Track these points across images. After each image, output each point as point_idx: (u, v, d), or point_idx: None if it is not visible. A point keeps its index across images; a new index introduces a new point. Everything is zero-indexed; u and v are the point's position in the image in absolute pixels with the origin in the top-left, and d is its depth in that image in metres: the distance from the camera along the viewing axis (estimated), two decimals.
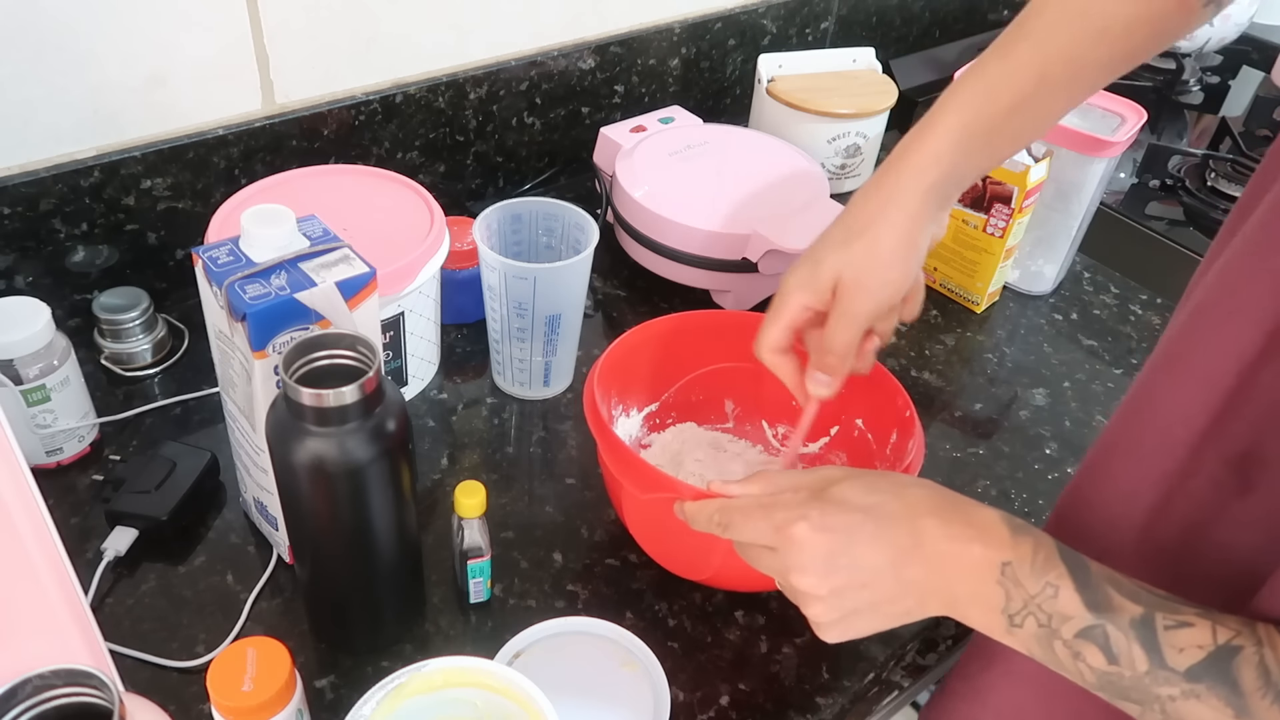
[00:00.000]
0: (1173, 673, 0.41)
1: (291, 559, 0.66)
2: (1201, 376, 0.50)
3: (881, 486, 0.50)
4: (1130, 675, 0.42)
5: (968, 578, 0.47)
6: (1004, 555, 0.46)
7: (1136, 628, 0.42)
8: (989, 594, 0.46)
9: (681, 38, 1.10)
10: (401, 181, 0.82)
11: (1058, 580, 0.45)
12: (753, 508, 0.52)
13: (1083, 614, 0.44)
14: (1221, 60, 1.49)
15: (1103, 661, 0.43)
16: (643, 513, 0.64)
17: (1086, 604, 0.44)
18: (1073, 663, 0.44)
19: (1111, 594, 0.44)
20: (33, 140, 0.76)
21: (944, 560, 0.47)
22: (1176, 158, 1.22)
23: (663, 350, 0.73)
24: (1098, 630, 0.43)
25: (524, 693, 0.49)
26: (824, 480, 0.51)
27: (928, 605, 0.49)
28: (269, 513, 0.65)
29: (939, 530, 0.48)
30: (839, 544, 0.48)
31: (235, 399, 0.62)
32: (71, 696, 0.42)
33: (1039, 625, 0.45)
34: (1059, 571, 0.45)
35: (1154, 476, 0.52)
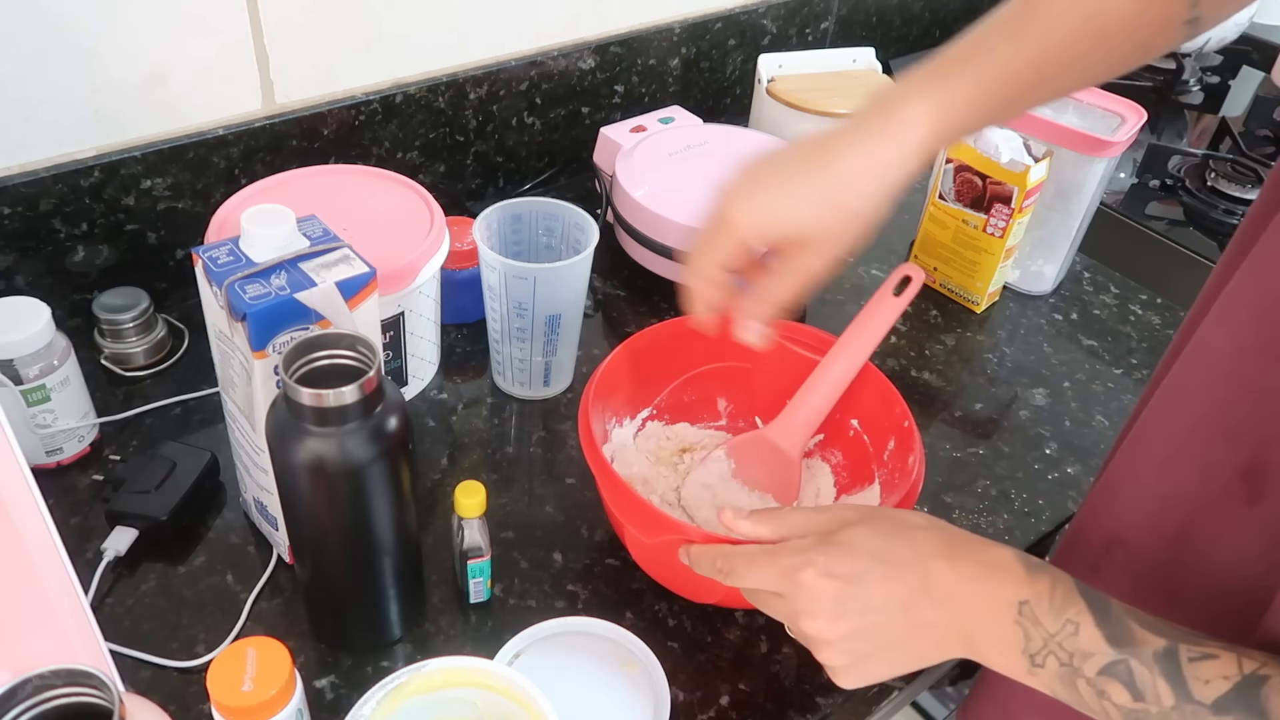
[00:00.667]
0: (1200, 705, 0.41)
1: (291, 559, 0.66)
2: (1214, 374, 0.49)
3: (890, 530, 0.49)
4: (1157, 711, 0.42)
5: (984, 619, 0.46)
6: (1020, 594, 0.45)
7: (1160, 661, 0.42)
8: (1008, 635, 0.45)
9: (681, 38, 1.10)
10: (401, 181, 0.82)
11: (1078, 617, 0.44)
12: (758, 554, 0.51)
13: (1105, 650, 0.43)
14: (1221, 60, 1.49)
15: (1128, 699, 0.42)
16: (648, 551, 0.64)
17: (1108, 639, 0.43)
18: (1098, 702, 0.44)
19: (1133, 628, 0.43)
20: (33, 140, 0.76)
21: (958, 602, 0.47)
22: (1176, 158, 1.22)
23: (650, 359, 0.73)
24: (1121, 666, 0.42)
25: (524, 693, 0.49)
26: (833, 522, 0.50)
27: (947, 648, 0.48)
28: (269, 513, 0.65)
29: (950, 572, 0.47)
30: (847, 589, 0.48)
31: (235, 399, 0.62)
32: (71, 696, 0.42)
33: (1060, 664, 0.44)
34: (1079, 608, 0.44)
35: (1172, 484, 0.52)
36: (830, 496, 0.74)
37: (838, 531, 0.49)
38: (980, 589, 0.46)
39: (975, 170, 0.90)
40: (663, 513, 0.59)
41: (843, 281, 1.00)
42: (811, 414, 0.71)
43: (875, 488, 0.70)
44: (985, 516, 0.76)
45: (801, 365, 0.73)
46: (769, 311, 0.57)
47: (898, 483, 0.66)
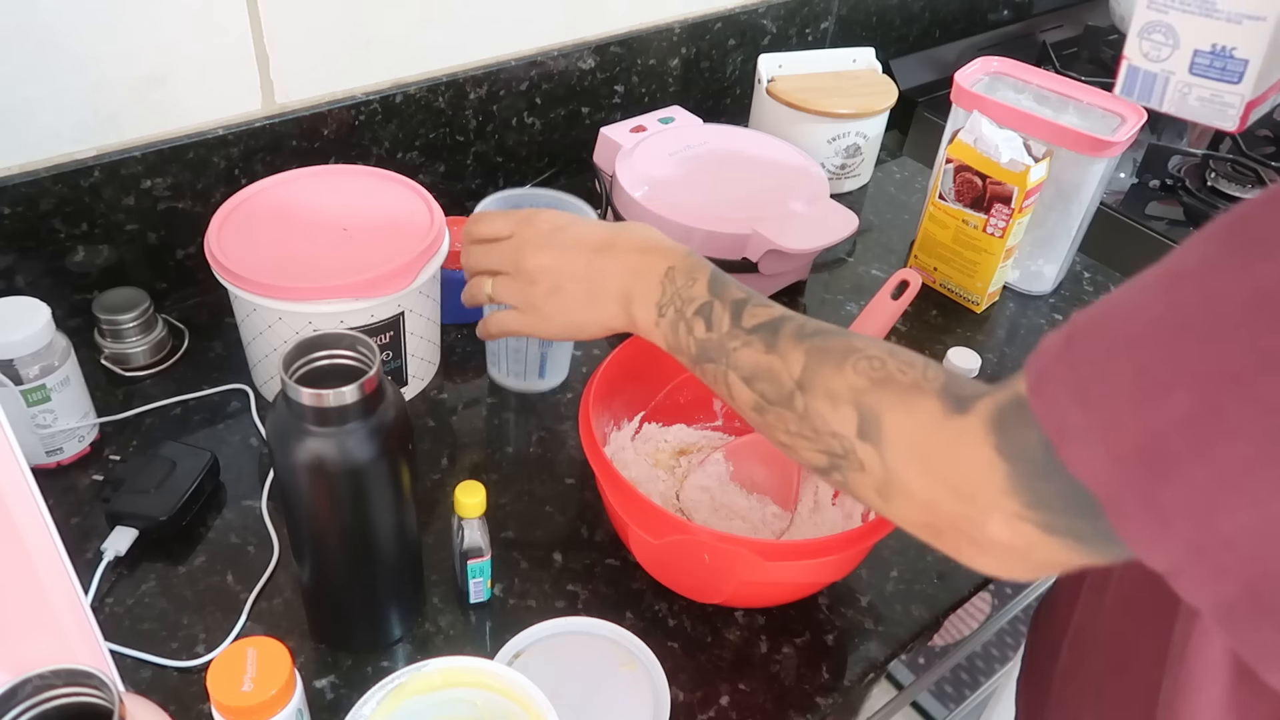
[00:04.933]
0: (740, 329, 0.54)
1: None
2: None
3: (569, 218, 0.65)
4: (715, 338, 0.55)
5: (643, 277, 0.59)
6: (671, 263, 0.59)
7: (734, 304, 0.55)
8: (651, 290, 0.59)
9: (681, 38, 1.10)
10: (401, 181, 0.82)
11: (698, 274, 0.58)
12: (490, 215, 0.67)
13: (704, 295, 0.56)
14: None
15: (704, 330, 0.55)
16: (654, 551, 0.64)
17: (710, 289, 0.57)
18: (686, 337, 0.56)
19: (730, 287, 0.56)
20: (33, 140, 0.76)
21: (631, 261, 0.61)
22: (1176, 158, 1.22)
23: (648, 359, 0.73)
24: (708, 306, 0.56)
25: (524, 693, 0.49)
26: None
27: (608, 293, 0.61)
28: None
29: (632, 241, 0.62)
30: (565, 221, 0.64)
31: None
32: (71, 696, 0.42)
33: (675, 312, 0.57)
34: (702, 268, 0.58)
35: None
36: (829, 495, 0.74)
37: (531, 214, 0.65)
38: (647, 257, 0.60)
39: (975, 170, 0.90)
40: (669, 513, 0.59)
41: (842, 281, 1.00)
42: None
43: None
44: None
45: None
46: None
47: None
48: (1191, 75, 0.50)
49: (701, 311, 0.56)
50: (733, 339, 0.54)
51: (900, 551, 0.72)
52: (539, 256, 0.63)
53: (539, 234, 0.63)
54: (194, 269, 0.87)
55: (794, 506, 0.72)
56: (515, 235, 0.64)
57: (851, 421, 0.46)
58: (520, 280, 0.64)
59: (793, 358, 0.51)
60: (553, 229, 0.63)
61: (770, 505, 0.72)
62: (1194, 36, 0.41)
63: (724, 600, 0.65)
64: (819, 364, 0.49)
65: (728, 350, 0.54)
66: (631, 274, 0.60)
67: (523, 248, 0.63)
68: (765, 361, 0.52)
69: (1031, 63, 1.05)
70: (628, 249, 0.61)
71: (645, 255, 0.60)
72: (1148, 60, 0.54)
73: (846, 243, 0.96)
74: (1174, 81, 0.54)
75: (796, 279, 0.97)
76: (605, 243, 0.62)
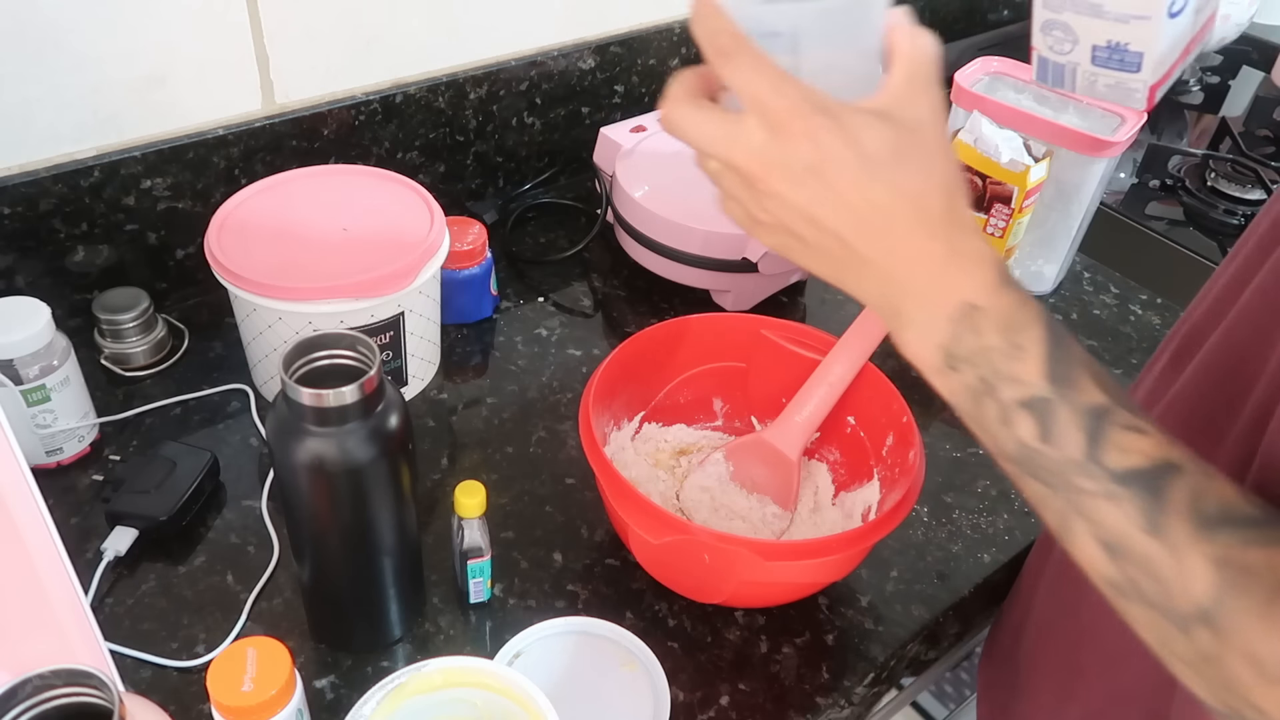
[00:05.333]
0: (1102, 470, 0.38)
1: None
2: None
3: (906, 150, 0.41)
4: (1057, 458, 0.39)
5: (923, 298, 0.41)
6: (977, 298, 0.40)
7: (1089, 415, 0.39)
8: (935, 327, 0.41)
9: (681, 38, 1.10)
10: (401, 181, 0.82)
11: (1030, 344, 0.40)
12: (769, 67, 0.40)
13: (1039, 384, 0.39)
14: (1221, 60, 1.49)
15: (1033, 436, 0.40)
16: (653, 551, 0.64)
17: (1049, 375, 0.39)
18: (998, 425, 0.41)
19: (1080, 375, 0.40)
20: (33, 140, 0.76)
21: (909, 266, 0.41)
22: (1176, 158, 1.22)
23: (648, 360, 0.73)
24: (1045, 404, 0.39)
25: (524, 693, 0.49)
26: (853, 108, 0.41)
27: (865, 292, 0.43)
28: None
29: (920, 233, 0.41)
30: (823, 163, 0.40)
31: None
32: (71, 696, 0.42)
33: (978, 378, 0.41)
34: (1035, 336, 0.40)
35: None
36: (829, 495, 0.74)
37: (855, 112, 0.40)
38: (938, 270, 0.41)
39: (975, 170, 0.90)
40: (669, 513, 0.59)
41: None
42: (811, 416, 0.72)
43: (875, 484, 0.70)
44: (985, 516, 0.76)
45: (797, 365, 0.73)
46: None
47: (898, 478, 0.66)
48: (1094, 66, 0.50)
49: (1033, 407, 0.39)
50: (1087, 476, 0.38)
51: (900, 552, 0.72)
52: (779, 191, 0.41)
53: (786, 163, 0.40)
54: (194, 269, 0.87)
55: (794, 506, 0.72)
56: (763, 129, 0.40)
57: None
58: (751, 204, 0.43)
59: (1193, 566, 0.36)
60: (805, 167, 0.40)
61: (770, 505, 0.73)
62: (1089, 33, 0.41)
63: (724, 600, 0.65)
64: (1238, 599, 0.35)
65: (1076, 488, 0.39)
66: (901, 289, 0.42)
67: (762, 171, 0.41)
68: (1142, 544, 0.37)
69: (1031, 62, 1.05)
70: (904, 237, 0.41)
71: (929, 264, 0.41)
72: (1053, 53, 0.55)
73: None
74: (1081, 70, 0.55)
75: (796, 279, 0.97)
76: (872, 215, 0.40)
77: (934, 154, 0.41)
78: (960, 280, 0.41)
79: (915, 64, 0.41)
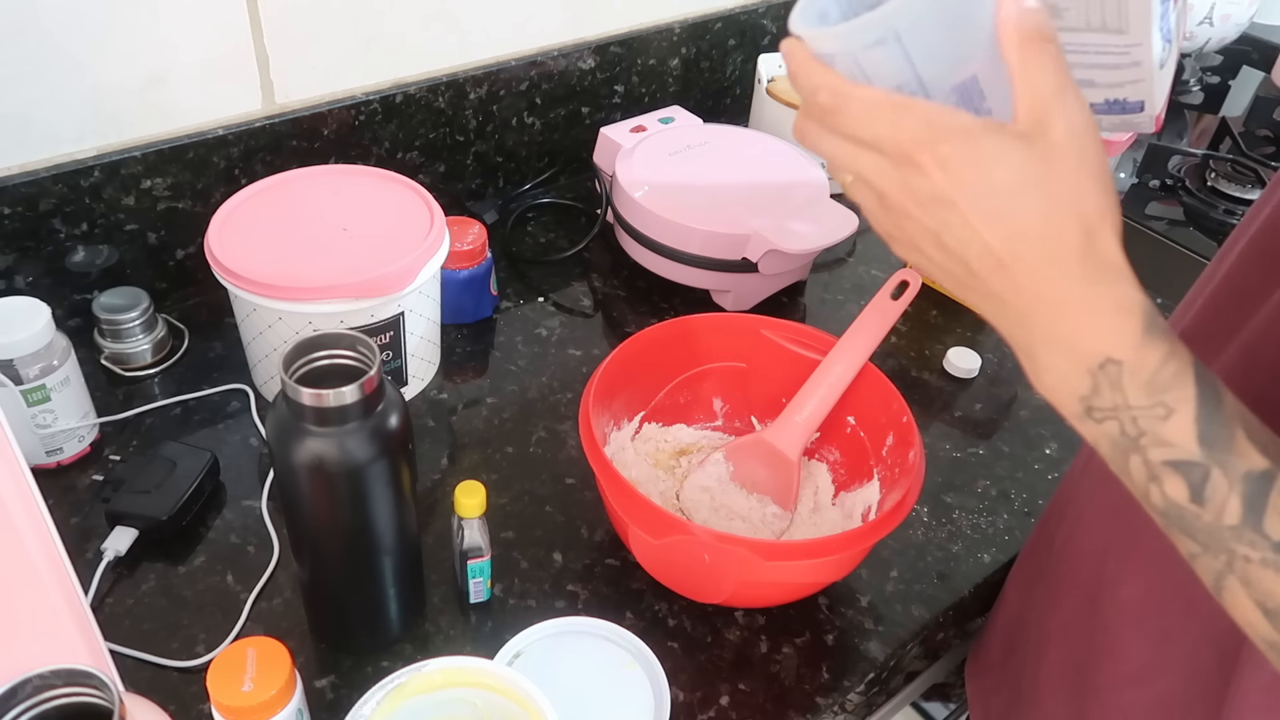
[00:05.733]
0: (1264, 538, 0.36)
1: None
2: None
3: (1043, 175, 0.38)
4: (1210, 521, 0.37)
5: (1055, 348, 0.39)
6: (1114, 352, 0.37)
7: (1249, 481, 0.36)
8: (1071, 378, 0.38)
9: (681, 38, 1.10)
10: (401, 181, 0.82)
11: (1177, 404, 0.37)
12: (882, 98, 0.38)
13: (1190, 447, 0.37)
14: (1221, 60, 1.49)
15: (1184, 497, 0.37)
16: (654, 551, 0.63)
17: (1201, 439, 0.37)
18: (1144, 481, 0.38)
19: (1238, 437, 0.37)
20: (33, 140, 0.76)
21: (1038, 308, 0.38)
22: (1176, 158, 1.22)
23: (648, 360, 0.73)
24: (1198, 469, 0.37)
25: (524, 693, 0.49)
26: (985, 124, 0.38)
27: (997, 322, 0.41)
28: None
29: (1054, 273, 0.37)
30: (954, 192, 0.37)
31: None
32: (71, 696, 0.42)
33: (1122, 434, 0.38)
34: (1183, 395, 0.37)
35: None
36: (829, 495, 0.74)
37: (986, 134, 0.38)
38: (1074, 316, 0.38)
39: None
40: (669, 513, 0.59)
41: (842, 281, 1.00)
42: (810, 416, 0.72)
43: (875, 484, 0.70)
44: (985, 516, 0.76)
45: (796, 364, 0.73)
46: None
47: (898, 478, 0.66)
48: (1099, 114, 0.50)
49: (1182, 469, 0.37)
50: (1245, 543, 0.37)
51: (900, 552, 0.72)
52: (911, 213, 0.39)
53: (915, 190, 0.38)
54: (194, 269, 0.87)
55: (794, 506, 0.72)
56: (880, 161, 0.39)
57: None
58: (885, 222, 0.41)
59: None
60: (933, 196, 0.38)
61: (770, 505, 0.73)
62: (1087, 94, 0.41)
63: (724, 600, 0.65)
64: None
65: (1234, 554, 0.37)
66: (1033, 331, 0.39)
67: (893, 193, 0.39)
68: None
69: None
70: (1035, 276, 0.38)
71: (1063, 308, 0.38)
72: None
73: (846, 243, 0.96)
74: None
75: (796, 279, 0.97)
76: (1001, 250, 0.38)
77: (1074, 183, 0.38)
78: (1099, 329, 0.38)
79: (1033, 83, 0.37)
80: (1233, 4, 1.33)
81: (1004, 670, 0.69)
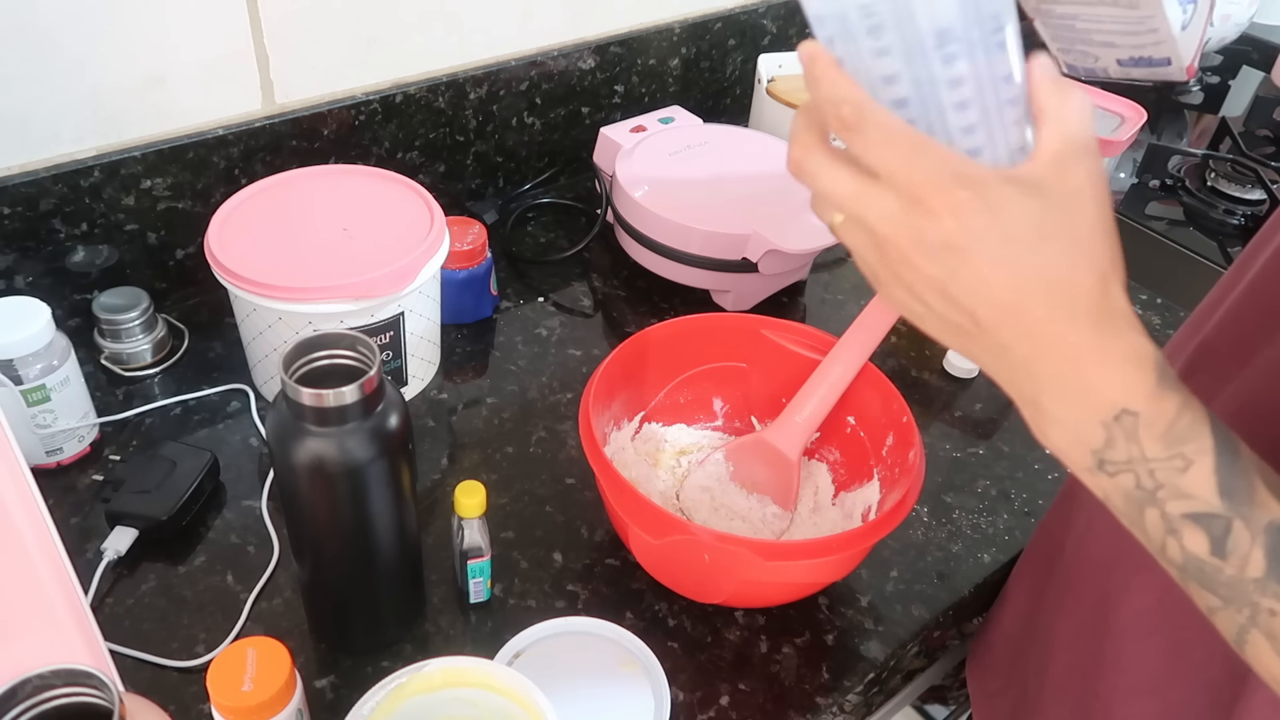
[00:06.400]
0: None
1: None
2: None
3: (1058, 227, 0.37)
4: (1232, 574, 0.37)
5: (1064, 399, 0.38)
6: (1129, 402, 0.37)
7: (1272, 533, 0.36)
8: (1083, 430, 0.38)
9: (681, 38, 1.10)
10: (401, 181, 0.82)
11: (1195, 455, 0.37)
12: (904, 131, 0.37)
13: (1210, 499, 0.37)
14: (1221, 60, 1.49)
15: (1204, 550, 0.37)
16: (654, 551, 0.63)
17: (1221, 490, 0.36)
18: (1160, 535, 0.38)
19: (1257, 487, 0.36)
20: (33, 140, 0.76)
21: (1048, 358, 0.38)
22: (1176, 158, 1.22)
23: (648, 360, 0.73)
24: (1219, 522, 0.36)
25: (524, 693, 0.49)
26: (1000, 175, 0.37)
27: (1004, 380, 0.40)
28: None
29: (1062, 321, 0.37)
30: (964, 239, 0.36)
31: None
32: (71, 696, 0.42)
33: (1137, 487, 0.38)
34: (1201, 446, 0.37)
35: None
36: (829, 495, 0.74)
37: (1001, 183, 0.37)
38: (1086, 366, 0.37)
39: None
40: (669, 513, 0.59)
41: (842, 281, 1.00)
42: (811, 416, 0.72)
43: (875, 484, 0.70)
44: (985, 516, 0.76)
45: (797, 364, 0.73)
46: None
47: (898, 478, 0.66)
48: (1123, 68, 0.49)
49: (1203, 523, 0.37)
50: (1271, 595, 0.36)
51: (900, 552, 0.72)
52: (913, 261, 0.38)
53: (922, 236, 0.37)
54: (194, 269, 0.87)
55: (794, 506, 0.72)
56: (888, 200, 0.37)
57: None
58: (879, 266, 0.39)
59: None
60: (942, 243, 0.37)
61: (770, 505, 0.73)
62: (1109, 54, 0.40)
63: (724, 600, 0.65)
64: None
65: (1259, 607, 0.37)
66: (1041, 382, 0.38)
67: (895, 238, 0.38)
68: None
69: None
70: (1047, 326, 0.37)
71: (1075, 359, 0.37)
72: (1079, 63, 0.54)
73: None
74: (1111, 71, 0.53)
75: (796, 279, 0.97)
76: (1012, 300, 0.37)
77: (1088, 234, 0.38)
78: (1112, 380, 0.37)
79: (1067, 125, 0.37)
80: (1233, 4, 1.33)
81: (1010, 673, 0.69)
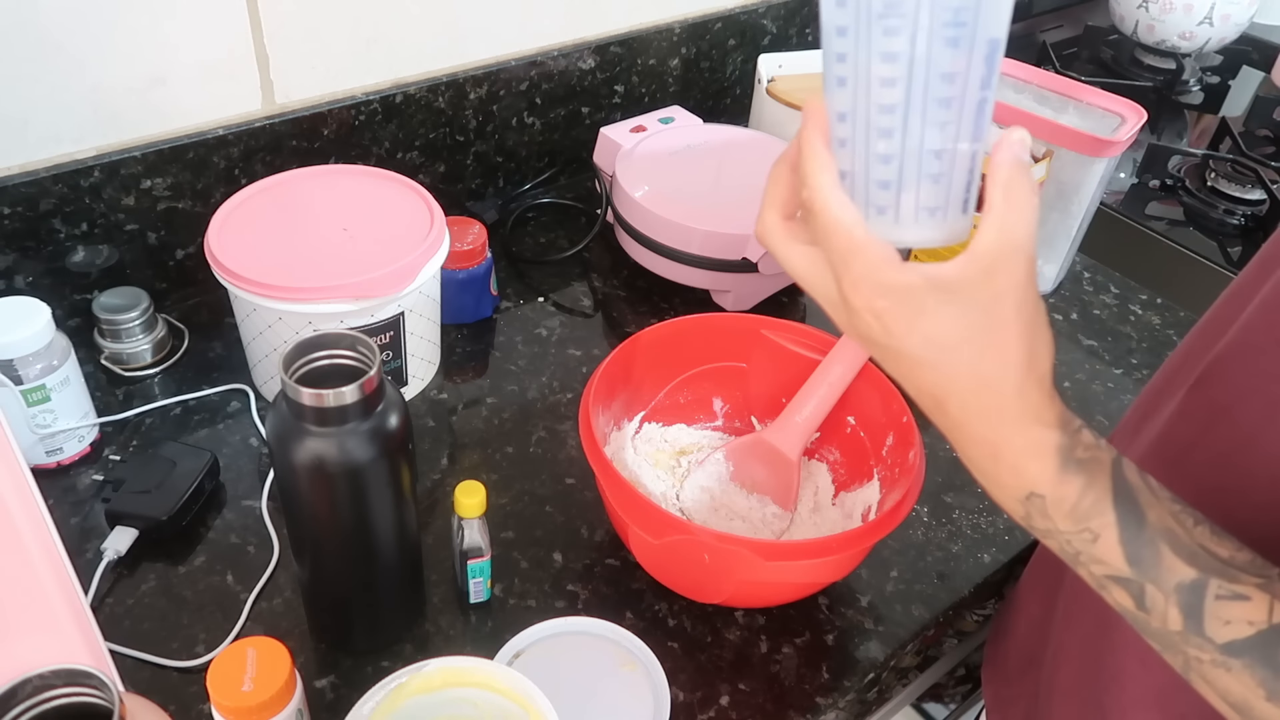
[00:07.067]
0: (1209, 642, 0.38)
1: None
2: None
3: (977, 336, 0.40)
4: (1158, 627, 0.39)
5: (985, 476, 0.42)
6: (1036, 488, 0.40)
7: (1182, 592, 0.38)
8: (1007, 504, 0.42)
9: (681, 38, 1.10)
10: (401, 181, 0.82)
11: (1101, 529, 0.40)
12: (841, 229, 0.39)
13: (1119, 567, 0.39)
14: (1221, 60, 1.49)
15: (1131, 605, 0.40)
16: (654, 551, 0.63)
17: (1129, 559, 0.39)
18: (1095, 587, 0.41)
19: (1163, 553, 0.39)
20: (33, 140, 0.76)
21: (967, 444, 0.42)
22: (1176, 158, 1.22)
23: (648, 360, 0.73)
24: (1133, 585, 0.39)
25: (524, 693, 0.49)
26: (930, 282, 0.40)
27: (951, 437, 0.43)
28: None
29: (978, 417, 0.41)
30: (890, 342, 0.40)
31: None
32: (71, 696, 0.42)
33: (1062, 550, 0.41)
34: (1105, 521, 0.40)
35: None
36: (829, 495, 0.74)
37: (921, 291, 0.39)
38: (998, 458, 0.41)
39: None
40: (669, 513, 0.59)
41: None
42: (811, 416, 0.72)
43: (875, 484, 0.70)
44: (985, 516, 0.76)
45: (797, 365, 0.73)
46: None
47: (898, 478, 0.66)
48: None
49: (1121, 584, 0.40)
50: (1195, 647, 0.38)
51: (900, 552, 0.72)
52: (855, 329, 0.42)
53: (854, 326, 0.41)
54: (194, 269, 0.87)
55: (794, 506, 0.72)
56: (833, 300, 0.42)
57: None
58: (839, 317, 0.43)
59: None
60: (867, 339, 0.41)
61: (770, 505, 0.73)
62: None
63: (724, 600, 0.65)
64: None
65: (1188, 655, 0.39)
66: (968, 459, 0.43)
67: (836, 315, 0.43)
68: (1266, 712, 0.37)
69: (1031, 63, 1.05)
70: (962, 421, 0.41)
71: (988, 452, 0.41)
72: None
73: None
74: None
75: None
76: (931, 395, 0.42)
77: (1005, 336, 0.40)
78: (1021, 468, 0.41)
79: (1006, 227, 0.38)
80: (1233, 4, 1.33)
81: (1022, 681, 0.69)
